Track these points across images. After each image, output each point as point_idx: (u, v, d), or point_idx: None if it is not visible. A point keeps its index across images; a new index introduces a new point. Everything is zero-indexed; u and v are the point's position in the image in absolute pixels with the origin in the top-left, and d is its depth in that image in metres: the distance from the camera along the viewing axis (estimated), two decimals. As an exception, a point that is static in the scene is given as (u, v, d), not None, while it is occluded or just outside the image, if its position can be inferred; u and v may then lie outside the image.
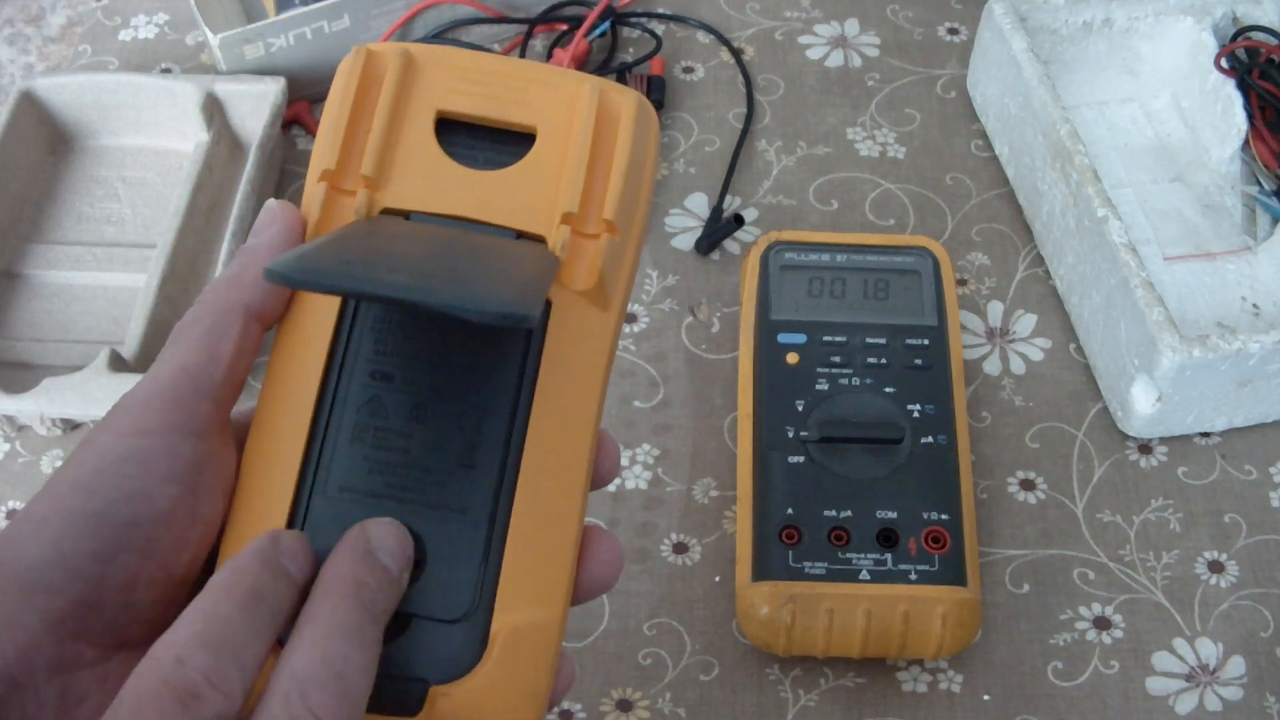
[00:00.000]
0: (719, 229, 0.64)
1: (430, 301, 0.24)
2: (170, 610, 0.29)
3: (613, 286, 0.32)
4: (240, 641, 0.26)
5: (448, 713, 0.29)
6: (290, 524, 0.30)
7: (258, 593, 0.27)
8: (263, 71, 0.68)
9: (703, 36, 0.74)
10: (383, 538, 0.29)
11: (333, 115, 0.32)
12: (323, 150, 0.32)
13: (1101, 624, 0.53)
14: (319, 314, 0.31)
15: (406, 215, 0.32)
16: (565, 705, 0.50)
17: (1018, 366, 0.60)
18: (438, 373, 0.31)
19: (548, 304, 0.31)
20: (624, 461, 0.57)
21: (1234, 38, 0.65)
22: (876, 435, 0.52)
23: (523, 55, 0.72)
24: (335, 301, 0.31)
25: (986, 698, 0.51)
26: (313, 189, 0.32)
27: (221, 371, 0.30)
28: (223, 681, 0.25)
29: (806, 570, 0.49)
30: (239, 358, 0.30)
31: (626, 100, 0.33)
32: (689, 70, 0.72)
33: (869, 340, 0.55)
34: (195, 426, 0.29)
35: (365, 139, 0.32)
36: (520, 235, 0.31)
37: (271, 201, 0.32)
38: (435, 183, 0.32)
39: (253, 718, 0.25)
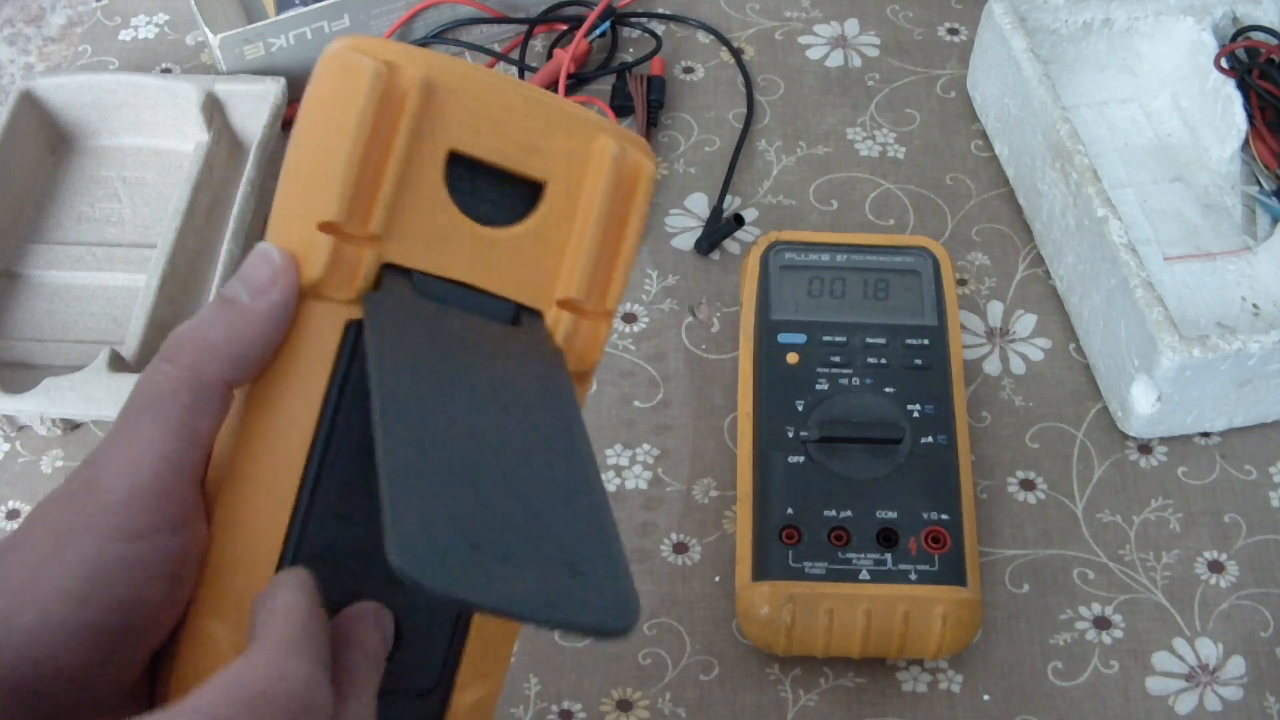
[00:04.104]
0: (719, 229, 0.64)
1: (550, 623, 0.24)
2: (147, 675, 0.29)
3: (595, 364, 0.32)
4: (317, 650, 0.26)
5: None
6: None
7: (319, 619, 0.27)
8: (263, 71, 0.68)
9: (703, 36, 0.74)
10: (375, 614, 0.29)
11: (339, 152, 0.28)
12: (324, 194, 0.28)
13: (1101, 624, 0.53)
14: (311, 381, 0.29)
15: (409, 273, 0.30)
16: (565, 705, 0.51)
17: (1018, 366, 0.60)
18: None
19: None
20: (624, 461, 0.57)
21: (1234, 38, 0.65)
22: (876, 435, 0.52)
23: (522, 55, 0.72)
24: (328, 367, 0.29)
25: (986, 698, 0.51)
26: (314, 239, 0.29)
27: (200, 453, 0.29)
28: (324, 699, 0.25)
29: (806, 570, 0.49)
30: (215, 431, 0.29)
31: (642, 172, 0.31)
32: (689, 70, 0.72)
33: (869, 340, 0.55)
34: (181, 519, 0.28)
35: (374, 188, 0.29)
36: (520, 308, 0.31)
37: (269, 249, 0.29)
38: (440, 239, 0.30)
39: None
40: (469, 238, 0.30)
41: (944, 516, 0.50)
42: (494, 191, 0.31)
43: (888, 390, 0.54)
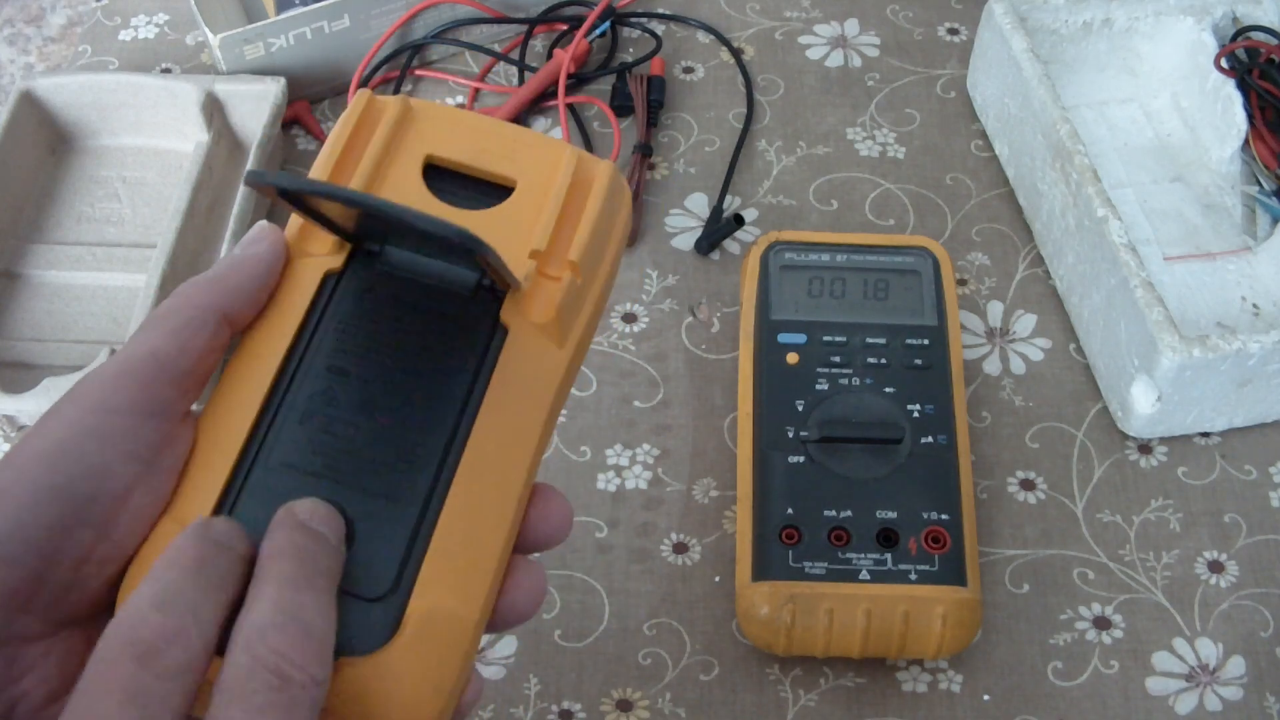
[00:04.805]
0: (719, 229, 0.64)
1: (403, 216, 0.28)
2: (117, 590, 0.30)
3: (569, 324, 0.34)
4: (191, 599, 0.26)
5: (350, 682, 0.29)
6: (228, 491, 0.31)
7: (201, 560, 0.27)
8: (263, 71, 0.68)
9: (703, 36, 0.74)
10: (310, 511, 0.29)
11: (328, 147, 0.35)
12: (317, 170, 0.34)
13: (1101, 624, 0.53)
14: (287, 316, 0.33)
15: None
16: (565, 705, 0.51)
17: (1018, 366, 0.60)
18: (392, 375, 0.32)
19: (505, 329, 0.33)
20: (624, 461, 0.57)
21: (1234, 38, 0.65)
22: (876, 435, 0.52)
23: (522, 55, 0.72)
24: (304, 305, 0.33)
25: (986, 698, 0.51)
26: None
27: (189, 362, 0.31)
28: (179, 635, 0.26)
29: (806, 570, 0.49)
30: (207, 354, 0.32)
31: (601, 169, 0.35)
32: (689, 70, 0.72)
33: (869, 340, 0.55)
34: (159, 409, 0.30)
35: (354, 164, 0.34)
36: None
37: (262, 223, 0.34)
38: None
39: (221, 671, 0.26)
40: (443, 215, 0.34)
41: (944, 516, 0.51)
42: (471, 193, 0.35)
43: (888, 390, 0.54)
